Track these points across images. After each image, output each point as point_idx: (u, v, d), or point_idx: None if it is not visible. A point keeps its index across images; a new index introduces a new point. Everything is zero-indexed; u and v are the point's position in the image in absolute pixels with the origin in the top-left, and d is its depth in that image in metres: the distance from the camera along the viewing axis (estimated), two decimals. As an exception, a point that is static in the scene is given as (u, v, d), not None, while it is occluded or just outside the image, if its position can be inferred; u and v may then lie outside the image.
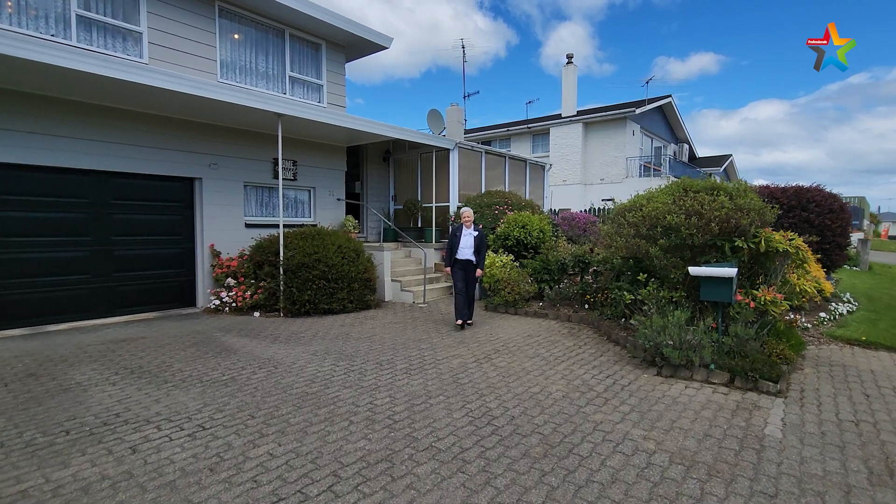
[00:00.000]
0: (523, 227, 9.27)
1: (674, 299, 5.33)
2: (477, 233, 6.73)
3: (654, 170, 22.95)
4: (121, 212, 7.39)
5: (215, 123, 8.27)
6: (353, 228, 10.24)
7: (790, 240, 4.82)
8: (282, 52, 9.37)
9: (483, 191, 11.59)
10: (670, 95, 23.61)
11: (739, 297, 4.81)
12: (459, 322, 6.67)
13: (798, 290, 5.06)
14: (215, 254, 8.20)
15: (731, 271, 4.57)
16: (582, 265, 7.45)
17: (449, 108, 18.10)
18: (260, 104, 7.21)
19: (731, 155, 29.54)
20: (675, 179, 19.70)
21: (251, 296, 7.83)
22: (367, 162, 11.92)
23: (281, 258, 7.72)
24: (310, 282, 7.59)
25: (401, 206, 11.97)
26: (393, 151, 12.28)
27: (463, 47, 18.65)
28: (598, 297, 7.18)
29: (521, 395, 4.22)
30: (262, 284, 7.85)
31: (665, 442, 3.34)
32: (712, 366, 4.61)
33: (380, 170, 12.24)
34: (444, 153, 11.06)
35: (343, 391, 4.31)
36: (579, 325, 7.08)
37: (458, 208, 10.73)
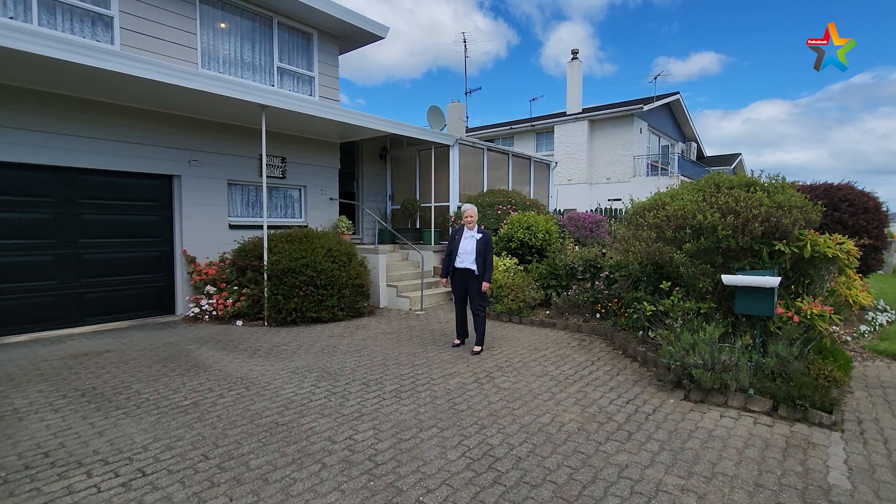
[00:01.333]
0: (528, 228, 8.64)
1: (701, 311, 4.68)
2: (481, 235, 5.55)
3: (662, 169, 22.28)
4: (90, 212, 6.79)
5: (195, 117, 7.67)
6: (347, 230, 9.63)
7: (839, 243, 4.16)
8: (269, 41, 8.76)
9: (485, 190, 10.96)
10: (678, 92, 22.94)
11: (780, 310, 4.16)
12: (458, 341, 5.89)
13: (851, 300, 4.41)
14: (190, 259, 7.59)
15: (773, 280, 3.92)
16: (593, 270, 6.80)
17: (450, 105, 17.45)
18: (241, 94, 6.61)
19: (739, 154, 28.83)
20: (685, 178, 18.95)
21: (233, 303, 7.22)
22: (362, 160, 11.32)
23: (265, 263, 7.11)
24: (296, 288, 6.97)
25: (398, 207, 11.35)
26: (390, 149, 11.66)
27: (465, 41, 18.06)
28: (610, 305, 6.53)
29: (528, 427, 3.59)
30: (245, 291, 7.24)
31: (708, 495, 2.70)
32: (751, 391, 3.96)
33: (376, 168, 11.63)
34: (444, 150, 10.44)
35: (320, 421, 3.69)
36: (590, 336, 6.44)
37: (459, 208, 10.11)
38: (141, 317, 7.37)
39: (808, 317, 4.00)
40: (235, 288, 7.37)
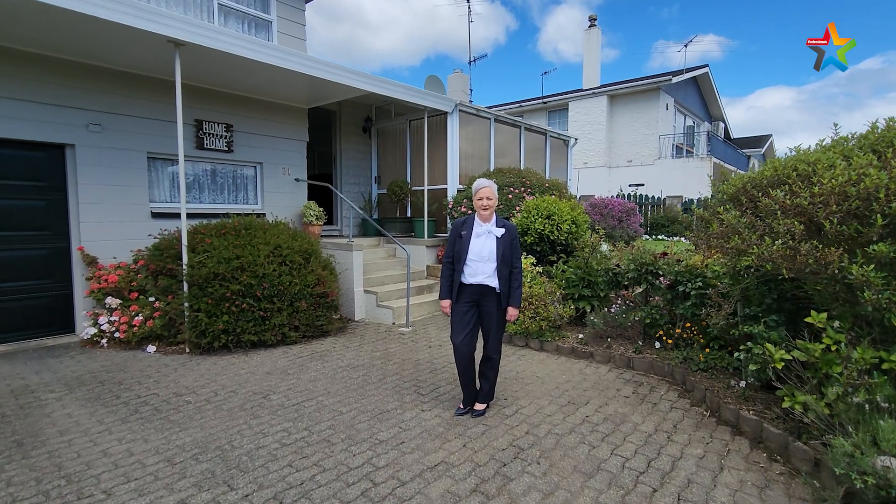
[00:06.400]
0: (549, 217, 6.56)
1: (882, 365, 2.61)
2: (503, 230, 3.41)
3: (688, 151, 20.01)
4: (-71, 194, 4.79)
5: (94, 63, 5.61)
6: (317, 219, 7.58)
7: None
8: (207, -32, 6.65)
9: (492, 169, 8.85)
10: (707, 65, 20.53)
11: None
12: (462, 407, 3.59)
13: None
14: (90, 260, 5.58)
15: None
16: (650, 279, 4.71)
17: (451, 76, 15.30)
18: (139, 21, 4.52)
19: (770, 135, 26.44)
20: (718, 161, 16.48)
21: (144, 321, 5.22)
22: (341, 134, 9.22)
23: (184, 266, 5.09)
24: (226, 301, 4.96)
25: (385, 191, 9.27)
26: (375, 119, 9.55)
27: (468, 1, 15.76)
28: (678, 331, 4.47)
29: None
30: (158, 305, 5.24)
31: None
32: None
33: (359, 144, 9.53)
34: (441, 119, 8.33)
35: None
36: (647, 376, 4.39)
37: (460, 192, 8.03)
38: (24, 338, 5.41)
39: None
40: (151, 300, 5.37)
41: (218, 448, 3.06)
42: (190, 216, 6.33)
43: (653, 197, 15.63)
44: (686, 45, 17.52)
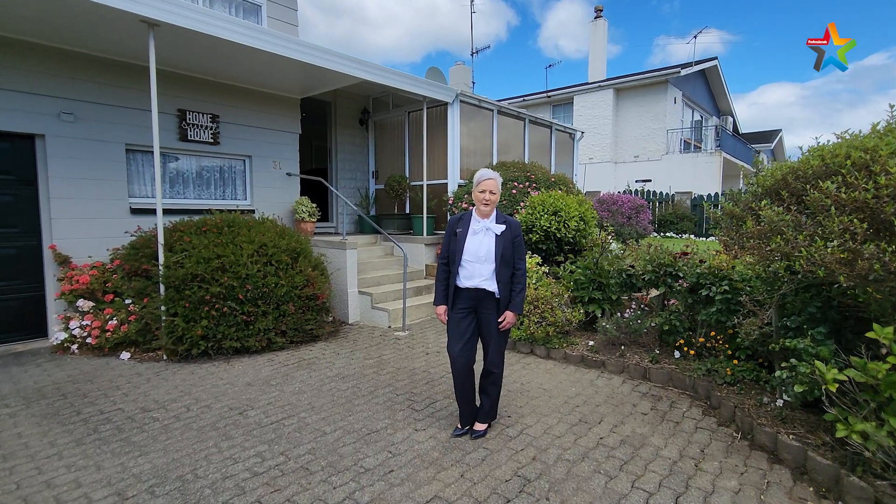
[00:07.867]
0: (555, 213, 6.13)
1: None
2: (504, 226, 3.01)
3: (696, 146, 19.49)
4: None
5: (66, 47, 5.20)
6: (309, 216, 7.17)
7: None
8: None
9: (495, 163, 8.42)
10: (716, 58, 19.99)
11: None
12: (462, 429, 3.18)
13: None
14: (62, 259, 5.20)
15: None
16: (669, 280, 4.28)
17: (453, 68, 14.84)
18: (106, -1, 4.11)
19: (780, 130, 25.80)
20: (728, 156, 15.96)
21: (119, 325, 4.83)
22: (336, 126, 8.79)
23: (160, 266, 4.69)
24: (206, 305, 4.56)
25: (383, 186, 8.85)
26: (373, 111, 9.12)
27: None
28: (700, 340, 4.05)
29: None
30: (133, 308, 4.85)
31: None
32: None
33: (356, 137, 9.10)
34: (440, 110, 7.90)
35: None
36: (666, 388, 3.97)
37: (460, 187, 7.61)
38: (-9, 343, 5.03)
39: None
40: (127, 302, 4.98)
41: (179, 478, 2.67)
42: (173, 212, 5.97)
43: (660, 193, 15.17)
44: (695, 37, 16.99)
